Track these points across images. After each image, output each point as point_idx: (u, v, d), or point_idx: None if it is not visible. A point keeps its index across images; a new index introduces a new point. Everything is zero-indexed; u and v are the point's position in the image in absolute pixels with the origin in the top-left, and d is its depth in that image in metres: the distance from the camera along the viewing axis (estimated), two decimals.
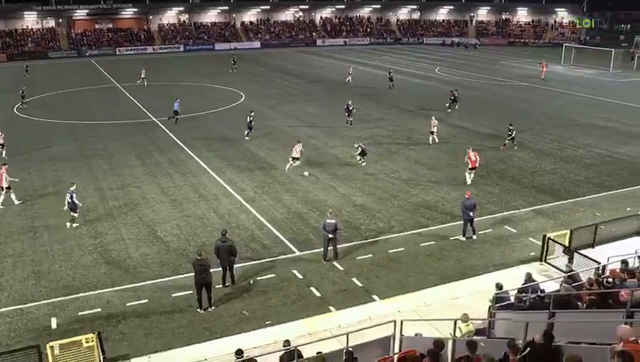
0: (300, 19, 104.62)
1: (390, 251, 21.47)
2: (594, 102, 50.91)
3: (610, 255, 19.03)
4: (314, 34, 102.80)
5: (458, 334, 14.25)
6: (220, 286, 18.60)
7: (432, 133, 36.06)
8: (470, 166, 28.30)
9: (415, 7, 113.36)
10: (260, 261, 20.58)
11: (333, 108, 45.87)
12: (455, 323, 14.31)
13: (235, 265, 19.05)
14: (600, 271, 17.53)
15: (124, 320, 16.96)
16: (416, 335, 14.03)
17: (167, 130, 38.78)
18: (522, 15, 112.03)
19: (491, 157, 33.32)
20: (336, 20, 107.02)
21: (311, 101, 48.98)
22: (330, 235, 20.26)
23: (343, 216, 24.27)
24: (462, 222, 22.93)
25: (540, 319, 12.30)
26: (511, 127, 34.97)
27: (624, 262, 16.22)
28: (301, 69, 69.88)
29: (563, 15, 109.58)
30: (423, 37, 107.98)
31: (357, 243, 22.05)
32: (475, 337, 13.67)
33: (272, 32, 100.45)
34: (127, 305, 17.73)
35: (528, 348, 9.96)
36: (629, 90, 58.39)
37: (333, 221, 20.28)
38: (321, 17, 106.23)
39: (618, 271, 15.27)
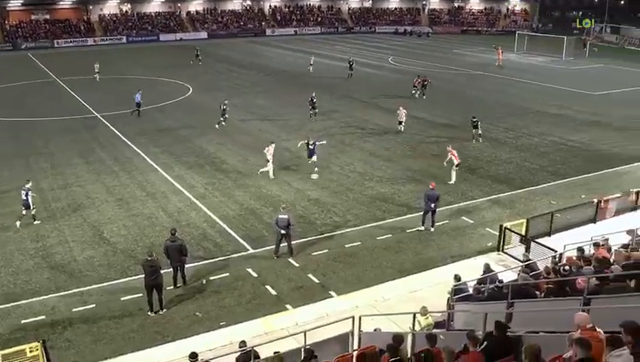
0: (249, 8, 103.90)
1: (347, 246, 21.60)
2: (547, 90, 52.14)
3: (566, 243, 19.57)
4: (263, 23, 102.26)
5: (417, 328, 14.45)
6: (171, 287, 18.40)
7: (400, 123, 36.66)
8: (456, 163, 27.84)
9: None
10: (213, 260, 20.44)
11: (284, 100, 45.81)
12: (414, 317, 14.51)
13: (186, 265, 18.88)
14: (557, 260, 18.02)
15: (70, 326, 16.62)
16: (375, 330, 14.17)
17: (111, 126, 38.07)
18: (475, 3, 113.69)
19: (446, 147, 33.73)
20: (286, 9, 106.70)
21: (261, 93, 48.80)
22: (283, 231, 20.25)
23: (297, 211, 24.29)
24: (420, 213, 23.24)
25: (499, 309, 12.57)
26: (474, 119, 35.16)
27: (580, 250, 16.69)
28: (250, 59, 69.48)
29: (515, 2, 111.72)
30: (376, 26, 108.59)
31: (312, 239, 22.10)
32: (434, 330, 13.89)
33: (220, 22, 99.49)
34: (74, 310, 17.38)
35: (486, 341, 10.15)
36: (581, 77, 60.00)
37: (286, 216, 20.28)
38: (270, 6, 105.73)
39: (574, 258, 15.71)
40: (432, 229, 23.00)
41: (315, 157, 29.15)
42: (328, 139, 35.04)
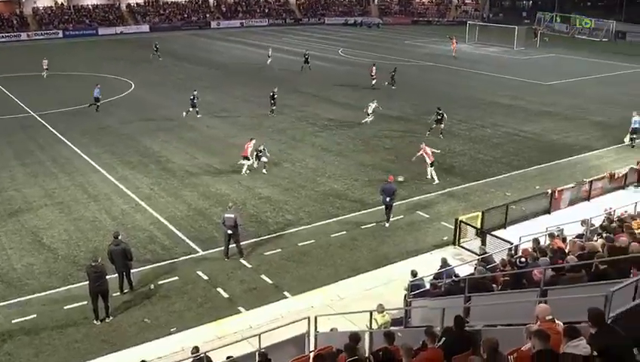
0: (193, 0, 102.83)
1: (300, 244, 21.63)
2: (499, 81, 53.15)
3: (521, 234, 20.03)
4: (208, 16, 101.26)
5: (374, 326, 14.58)
6: (118, 293, 18.11)
7: (368, 114, 37.28)
8: (429, 161, 27.74)
9: None
10: (161, 263, 20.19)
11: (232, 95, 45.53)
12: (371, 315, 14.63)
13: (132, 270, 18.60)
14: (513, 252, 18.43)
15: (10, 339, 16.18)
16: (331, 330, 14.23)
17: (49, 126, 37.17)
18: None
19: (400, 141, 34.16)
20: (232, 1, 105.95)
21: (208, 88, 48.34)
22: (230, 231, 20.13)
23: (247, 210, 24.20)
24: (373, 209, 23.46)
25: (456, 304, 12.77)
26: (439, 111, 35.00)
27: (535, 241, 17.09)
28: (195, 54, 68.77)
29: None
30: (325, 17, 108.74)
31: (264, 238, 22.05)
32: (392, 327, 14.02)
33: (162, 15, 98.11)
34: (13, 322, 16.92)
35: (444, 337, 10.30)
36: (533, 67, 61.34)
37: (233, 216, 20.15)
38: None
39: (530, 250, 16.08)
40: (387, 225, 23.25)
41: (264, 159, 29.02)
42: (279, 135, 35.04)
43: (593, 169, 29.60)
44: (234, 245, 20.46)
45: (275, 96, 39.71)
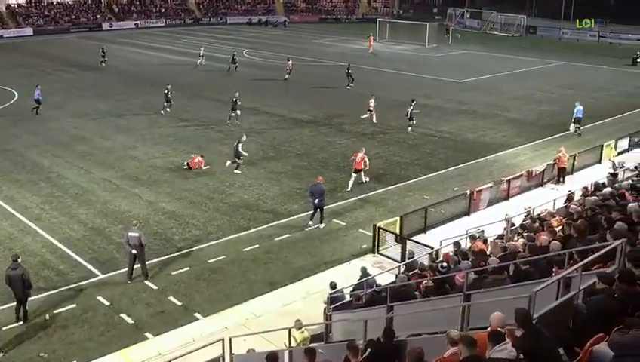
0: None
1: (210, 261, 21.40)
2: (412, 79, 54.48)
3: (442, 238, 20.57)
4: (99, 17, 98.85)
5: (293, 343, 14.58)
6: (14, 324, 17.36)
7: (370, 110, 38.86)
8: (355, 169, 27.79)
9: None
10: (56, 290, 19.48)
11: (129, 103, 44.58)
12: (289, 332, 14.62)
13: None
14: (434, 256, 18.89)
15: None
16: (248, 351, 14.14)
17: None
18: None
19: (311, 145, 34.42)
20: (125, 0, 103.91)
21: (102, 96, 47.13)
22: (135, 251, 19.72)
23: (151, 227, 23.74)
24: (288, 218, 23.54)
25: (379, 315, 12.95)
26: (413, 103, 37.16)
27: (456, 244, 17.60)
28: (86, 58, 66.84)
29: None
30: (227, 16, 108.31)
31: (171, 257, 21.70)
32: (311, 344, 14.07)
33: (47, 16, 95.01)
34: None
35: (369, 349, 10.43)
36: (446, 65, 63.25)
37: (137, 234, 19.75)
38: None
39: (451, 253, 16.53)
40: (322, 226, 23.83)
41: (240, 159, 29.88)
42: (181, 143, 34.59)
43: (511, 167, 30.76)
44: (138, 266, 20.02)
45: (238, 101, 38.91)
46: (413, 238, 21.51)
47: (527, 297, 8.48)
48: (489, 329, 8.32)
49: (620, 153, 32.44)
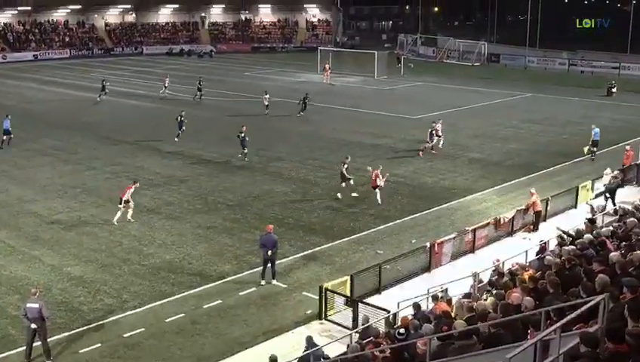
0: None
1: (126, 335, 20.96)
2: (360, 116, 55.17)
3: (399, 299, 20.59)
4: None
5: None
6: None
7: (439, 137, 42.64)
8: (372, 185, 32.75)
9: (128, 6, 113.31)
10: None
11: (26, 148, 43.78)
12: None
13: None
14: (391, 321, 18.87)
15: None
16: None
17: None
18: (266, 14, 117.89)
19: (245, 195, 34.28)
20: (21, 27, 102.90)
21: None
22: (34, 325, 19.17)
23: (54, 297, 23.17)
24: (219, 281, 23.30)
25: None
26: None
27: (416, 306, 17.63)
28: None
29: (314, 12, 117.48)
30: (143, 45, 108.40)
31: (79, 331, 21.15)
32: None
33: None
34: None
35: None
36: (397, 99, 64.44)
37: (37, 305, 19.21)
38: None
39: (410, 317, 16.53)
40: (274, 282, 23.90)
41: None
42: (90, 195, 34.08)
43: (476, 215, 31.19)
44: (39, 343, 19.43)
45: (245, 137, 40.48)
46: (366, 301, 21.45)
47: None
48: None
49: (597, 195, 33.14)
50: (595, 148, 40.29)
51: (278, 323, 21.64)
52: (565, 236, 21.05)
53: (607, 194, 31.56)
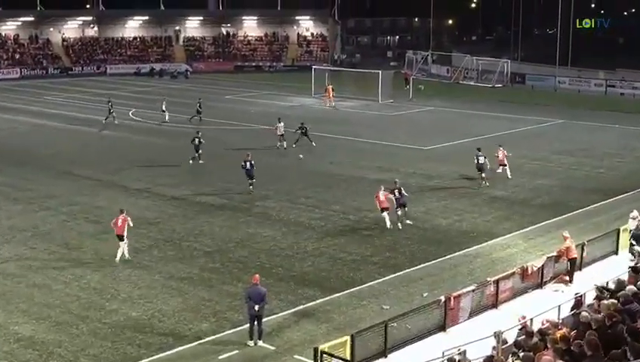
0: None
1: None
2: (362, 147, 55.22)
3: None
4: None
5: None
6: None
7: (503, 165, 45.01)
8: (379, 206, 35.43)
9: (89, 18, 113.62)
10: None
11: None
12: None
13: None
14: None
15: None
16: None
17: None
18: (251, 27, 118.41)
19: (225, 239, 34.15)
20: None
21: None
22: None
23: None
24: (194, 343, 23.14)
25: None
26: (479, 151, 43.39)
27: None
28: None
29: (307, 25, 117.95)
30: (107, 64, 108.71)
31: None
32: None
33: None
34: None
35: None
36: (406, 126, 64.67)
37: None
38: None
39: None
40: (261, 342, 23.69)
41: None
42: (42, 241, 33.96)
43: (498, 263, 31.04)
44: None
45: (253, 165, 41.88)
46: None
47: None
48: None
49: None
50: None
51: None
52: (604, 290, 20.94)
53: (634, 241, 31.24)
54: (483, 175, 42.74)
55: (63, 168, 48.13)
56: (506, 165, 44.60)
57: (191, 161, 47.26)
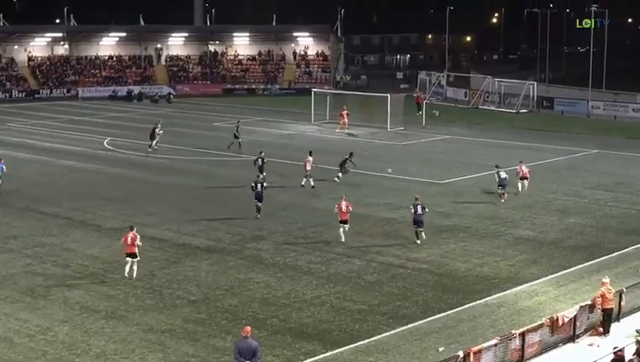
0: None
1: None
2: (369, 180, 55.18)
3: None
4: None
5: None
6: None
7: (525, 179, 48.80)
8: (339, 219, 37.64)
9: (59, 34, 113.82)
10: None
11: None
12: None
13: None
14: None
15: None
16: None
17: None
18: (242, 45, 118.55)
19: (212, 286, 34.04)
20: None
21: None
22: None
23: None
24: None
25: None
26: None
27: None
28: None
29: (307, 43, 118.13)
30: (79, 86, 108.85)
31: None
32: None
33: None
34: None
35: None
36: (418, 157, 64.69)
37: None
38: None
39: None
40: None
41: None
42: (3, 288, 33.83)
43: (524, 313, 30.91)
44: None
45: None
46: None
47: None
48: None
49: None
50: None
51: None
52: None
53: None
54: (504, 191, 45.92)
55: (27, 205, 48.08)
56: (527, 178, 48.06)
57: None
